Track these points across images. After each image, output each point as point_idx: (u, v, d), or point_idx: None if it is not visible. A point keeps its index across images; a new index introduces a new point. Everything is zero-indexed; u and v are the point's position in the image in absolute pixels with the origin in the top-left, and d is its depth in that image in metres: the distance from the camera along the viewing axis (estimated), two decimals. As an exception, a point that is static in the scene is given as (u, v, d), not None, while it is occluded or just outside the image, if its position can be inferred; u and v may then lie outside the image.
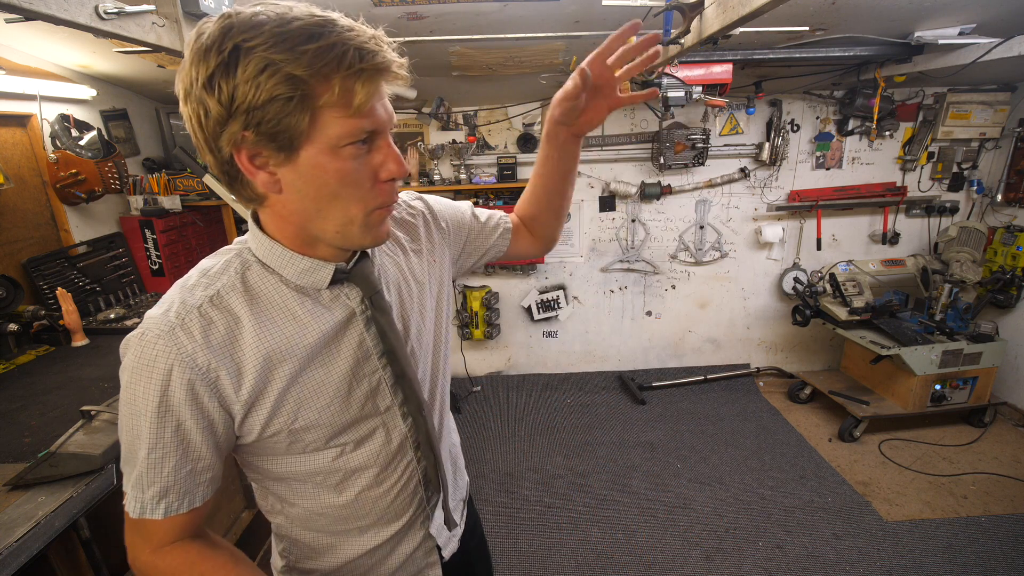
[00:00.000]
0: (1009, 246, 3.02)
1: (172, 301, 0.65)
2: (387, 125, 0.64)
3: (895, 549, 2.21)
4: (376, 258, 0.79)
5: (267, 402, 0.68)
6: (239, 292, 0.67)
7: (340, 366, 0.72)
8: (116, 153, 2.30)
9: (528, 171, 3.29)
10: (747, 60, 2.33)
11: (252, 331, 0.66)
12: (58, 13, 1.02)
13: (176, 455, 0.65)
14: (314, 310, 0.70)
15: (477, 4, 1.77)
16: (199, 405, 0.64)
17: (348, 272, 0.73)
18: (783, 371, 3.74)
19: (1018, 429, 3.09)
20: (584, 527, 2.39)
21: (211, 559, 0.71)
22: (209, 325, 0.64)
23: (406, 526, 0.87)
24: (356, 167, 0.62)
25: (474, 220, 0.98)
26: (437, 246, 0.91)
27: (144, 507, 0.67)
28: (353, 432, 0.76)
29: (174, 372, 0.62)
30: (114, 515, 1.40)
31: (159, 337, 0.62)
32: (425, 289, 0.86)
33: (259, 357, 0.66)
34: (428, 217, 0.91)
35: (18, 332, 1.85)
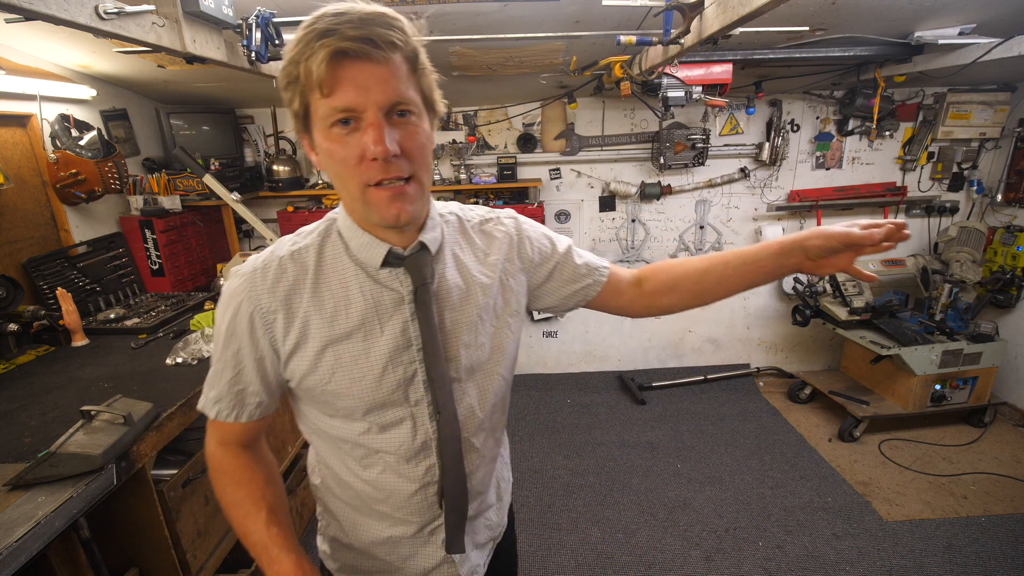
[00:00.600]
0: (1009, 246, 3.02)
1: (268, 250, 0.78)
2: (372, 104, 0.63)
3: (895, 549, 2.21)
4: (443, 254, 0.80)
5: (307, 355, 0.75)
6: (314, 252, 0.76)
7: (380, 345, 0.76)
8: (116, 153, 2.30)
9: (528, 171, 3.30)
10: (747, 60, 2.33)
11: (310, 288, 0.75)
12: (58, 13, 1.02)
13: (231, 372, 0.77)
14: (367, 285, 0.76)
15: (477, 4, 1.77)
16: (255, 337, 0.75)
17: (403, 258, 0.75)
18: (783, 371, 3.74)
19: (1018, 429, 3.09)
20: (584, 527, 2.39)
21: (252, 472, 0.84)
22: (282, 274, 0.75)
23: (423, 531, 0.87)
24: (343, 146, 0.65)
25: (565, 258, 0.91)
26: (515, 270, 0.87)
27: (205, 404, 0.81)
28: (381, 414, 0.79)
29: (243, 305, 0.75)
30: (114, 515, 1.41)
31: (244, 275, 0.76)
32: (487, 304, 0.83)
33: (306, 313, 0.74)
34: (514, 238, 0.88)
35: (18, 332, 1.85)
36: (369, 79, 0.62)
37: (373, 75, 0.62)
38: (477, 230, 0.87)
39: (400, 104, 0.65)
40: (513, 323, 0.88)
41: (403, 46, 0.64)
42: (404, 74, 0.65)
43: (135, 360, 1.80)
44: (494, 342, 0.85)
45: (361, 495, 0.85)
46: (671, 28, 1.60)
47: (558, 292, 0.92)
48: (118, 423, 1.27)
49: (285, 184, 3.08)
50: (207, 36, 1.47)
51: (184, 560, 1.46)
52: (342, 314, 0.75)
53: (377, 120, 0.63)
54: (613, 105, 3.22)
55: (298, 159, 3.18)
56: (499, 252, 0.86)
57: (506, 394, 0.92)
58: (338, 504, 0.90)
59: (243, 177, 3.00)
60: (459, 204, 0.90)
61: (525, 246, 0.89)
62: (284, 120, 3.19)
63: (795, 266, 0.84)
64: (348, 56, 0.61)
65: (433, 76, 0.71)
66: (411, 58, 0.66)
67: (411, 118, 0.67)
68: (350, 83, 0.62)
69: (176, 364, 1.73)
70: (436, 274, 0.79)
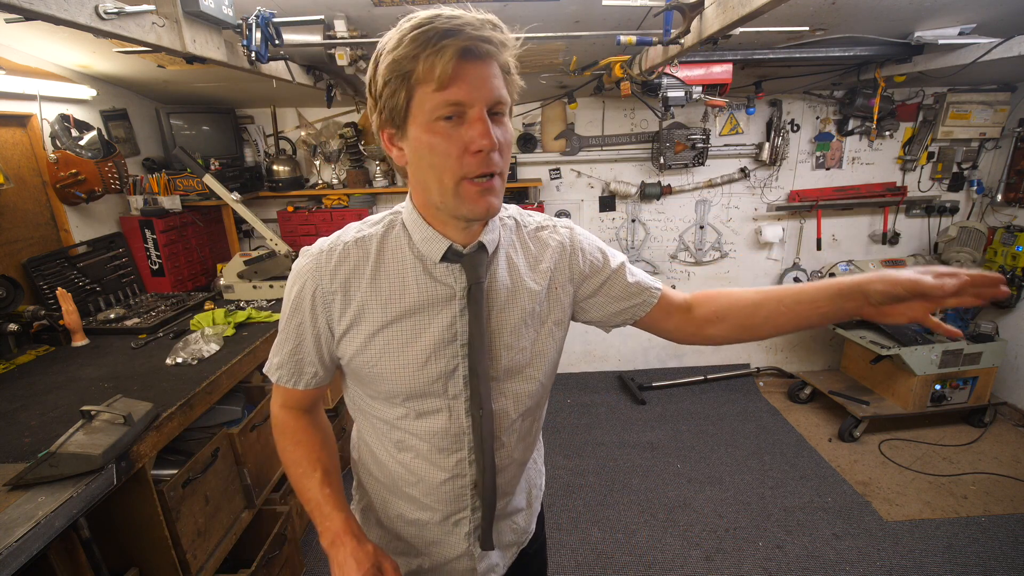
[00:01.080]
0: (1009, 246, 3.02)
1: (338, 233, 0.83)
2: (480, 100, 0.66)
3: (895, 549, 2.21)
4: (498, 255, 0.83)
5: (358, 337, 0.80)
6: (377, 240, 0.81)
7: (427, 336, 0.79)
8: (116, 153, 2.30)
9: (528, 171, 3.30)
10: (747, 60, 2.33)
11: (369, 275, 0.79)
12: (58, 13, 1.02)
13: (292, 343, 0.84)
14: (422, 278, 0.79)
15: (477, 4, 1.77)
16: (315, 314, 0.81)
17: (461, 255, 0.78)
18: (783, 371, 3.74)
19: (1018, 429, 3.09)
20: (584, 527, 2.39)
21: (310, 434, 0.92)
22: (345, 258, 0.79)
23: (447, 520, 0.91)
24: (445, 139, 0.68)
25: (616, 274, 0.90)
26: (564, 280, 0.88)
27: (269, 368, 0.89)
28: (420, 402, 0.83)
29: (307, 283, 0.80)
30: (114, 515, 1.41)
31: (312, 256, 0.81)
32: (532, 309, 0.85)
33: (362, 297, 0.79)
34: (567, 247, 0.88)
35: (18, 332, 1.85)
36: (480, 77, 0.66)
37: (483, 74, 0.66)
38: (533, 236, 0.88)
39: (500, 103, 0.69)
40: (556, 331, 0.89)
41: (511, 49, 0.69)
42: (501, 76, 0.69)
43: (135, 360, 1.80)
44: (535, 347, 0.86)
45: (394, 476, 0.90)
46: (671, 28, 1.60)
47: (605, 308, 0.92)
48: (118, 423, 1.27)
49: (285, 184, 3.08)
50: (207, 36, 1.47)
51: (184, 560, 1.46)
52: (396, 302, 0.79)
53: (484, 116, 0.67)
54: (613, 105, 3.22)
55: (298, 159, 3.18)
56: (550, 260, 0.87)
57: (542, 400, 0.93)
58: (372, 482, 0.96)
59: (243, 177, 3.00)
60: (518, 207, 0.93)
61: (577, 257, 0.89)
62: (284, 120, 3.19)
63: (855, 310, 0.78)
64: (471, 55, 0.65)
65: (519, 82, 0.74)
66: (507, 62, 0.70)
67: (504, 118, 0.71)
68: (464, 79, 0.65)
69: (176, 364, 1.73)
70: (490, 274, 0.82)
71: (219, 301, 2.46)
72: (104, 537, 1.40)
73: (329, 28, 1.86)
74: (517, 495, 0.98)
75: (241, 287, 2.46)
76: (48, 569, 1.19)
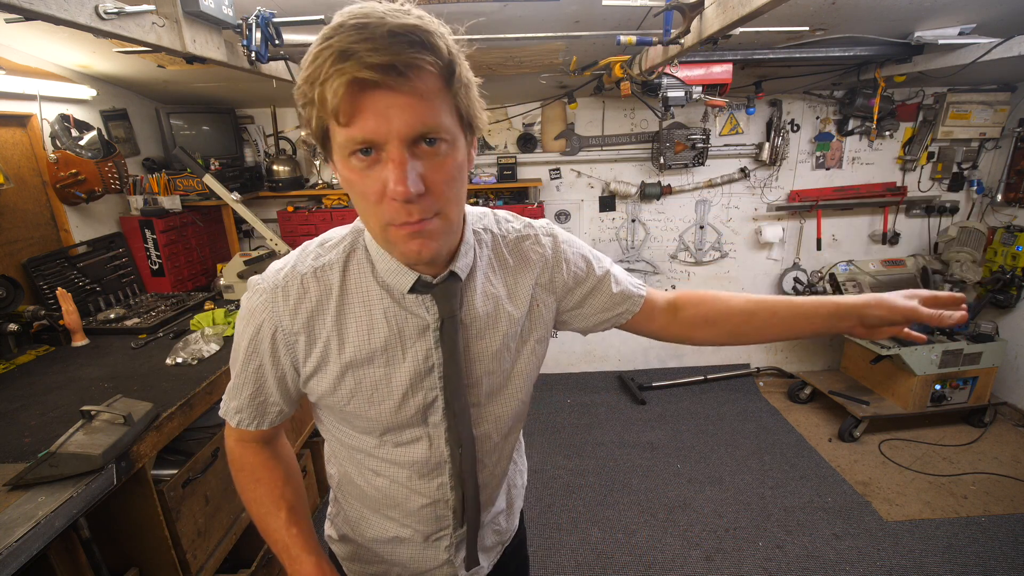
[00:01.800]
0: (1009, 246, 3.02)
1: (289, 262, 0.74)
2: (393, 135, 0.55)
3: (895, 549, 2.21)
4: (473, 279, 0.76)
5: (327, 377, 0.74)
6: (339, 270, 0.72)
7: (402, 372, 0.74)
8: (116, 153, 2.30)
9: (528, 171, 3.30)
10: (747, 60, 2.33)
11: (333, 312, 0.72)
12: (58, 13, 1.02)
13: (252, 387, 0.78)
14: (391, 310, 0.73)
15: (477, 4, 1.77)
16: (276, 356, 0.74)
17: (431, 287, 0.71)
18: (783, 371, 3.74)
19: (1018, 429, 3.09)
20: (584, 527, 2.39)
21: (271, 470, 0.84)
22: (304, 295, 0.72)
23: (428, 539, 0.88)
24: (362, 179, 0.58)
25: (600, 284, 0.86)
26: (545, 294, 0.84)
27: (227, 412, 0.82)
28: (398, 434, 0.79)
29: (264, 325, 0.73)
30: (114, 515, 1.41)
31: (264, 292, 0.72)
32: (513, 332, 0.81)
33: (328, 336, 0.72)
34: (550, 260, 0.83)
35: (18, 332, 1.85)
36: (390, 107, 0.54)
37: (395, 103, 0.54)
38: (513, 248, 0.81)
39: (427, 133, 0.57)
40: (538, 348, 0.85)
41: (434, 65, 0.55)
42: (435, 95, 0.56)
43: (135, 360, 1.80)
44: (516, 368, 0.83)
45: (371, 498, 0.86)
46: (671, 28, 1.60)
47: (589, 319, 0.89)
48: (118, 423, 1.27)
49: (285, 184, 3.08)
50: (207, 36, 1.47)
51: (184, 560, 1.46)
52: (364, 339, 0.72)
53: (399, 156, 0.56)
54: (613, 105, 3.22)
55: (298, 159, 3.18)
56: (532, 276, 0.82)
57: (523, 413, 0.90)
58: (348, 499, 0.92)
59: (243, 177, 3.00)
60: (494, 215, 0.84)
61: (560, 269, 0.84)
62: (284, 120, 3.19)
63: (847, 329, 0.81)
64: (368, 84, 0.52)
65: (474, 89, 0.62)
66: (446, 75, 0.57)
67: (441, 147, 0.59)
68: (369, 112, 0.54)
69: (176, 364, 1.73)
70: (466, 302, 0.75)
71: (219, 301, 2.46)
72: (104, 537, 1.40)
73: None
74: (498, 499, 0.97)
75: (241, 287, 2.46)
76: (48, 569, 1.19)
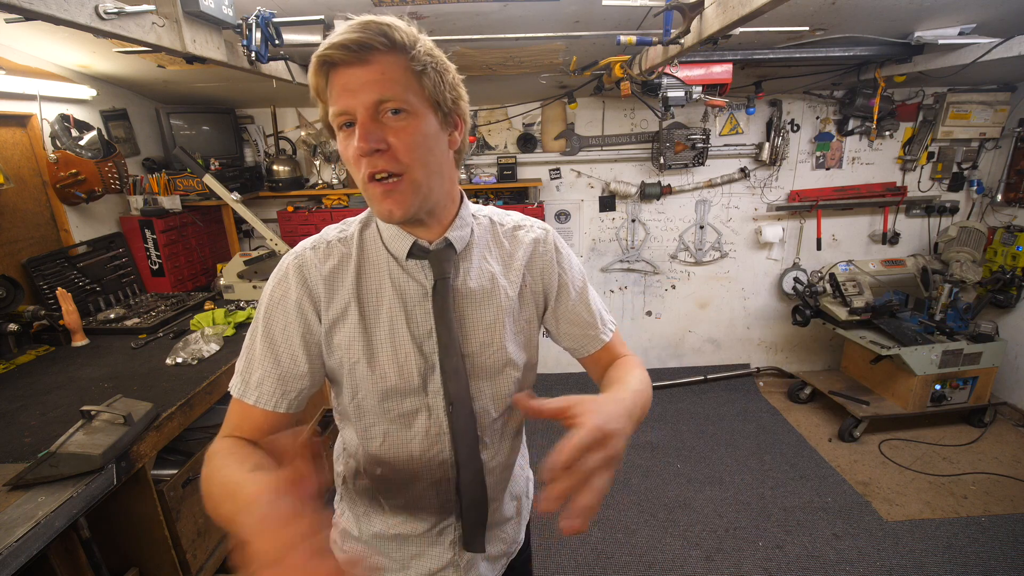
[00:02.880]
0: (1009, 246, 3.02)
1: (319, 234, 0.84)
2: (358, 105, 0.66)
3: (895, 549, 2.21)
4: (470, 253, 0.83)
5: (341, 333, 0.79)
6: (356, 238, 0.82)
7: (404, 333, 0.79)
8: (116, 153, 2.30)
9: (528, 171, 3.30)
10: (747, 60, 2.33)
11: (353, 272, 0.80)
12: (58, 13, 1.03)
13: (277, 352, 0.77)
14: (396, 274, 0.80)
15: (477, 4, 1.77)
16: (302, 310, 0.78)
17: (427, 251, 0.79)
18: (783, 371, 3.74)
19: (1018, 429, 3.09)
20: (584, 527, 2.39)
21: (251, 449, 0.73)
22: (329, 254, 0.80)
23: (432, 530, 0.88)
24: (345, 147, 0.70)
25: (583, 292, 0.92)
26: (534, 277, 0.89)
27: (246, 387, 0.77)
28: (401, 401, 0.81)
29: (292, 277, 0.79)
30: (114, 515, 1.40)
31: (295, 253, 0.81)
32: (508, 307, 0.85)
33: (347, 293, 0.79)
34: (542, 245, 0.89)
35: (18, 332, 1.85)
36: (354, 82, 0.66)
37: (358, 78, 0.66)
38: (508, 235, 0.89)
39: (387, 102, 0.67)
40: (532, 330, 0.90)
41: (390, 48, 0.66)
42: (398, 75, 0.67)
43: (135, 360, 1.80)
44: (512, 345, 0.85)
45: (378, 484, 0.87)
46: (671, 28, 1.60)
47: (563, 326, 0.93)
48: (118, 423, 1.27)
49: (285, 184, 3.08)
50: (207, 36, 1.47)
51: (184, 560, 1.46)
52: (374, 300, 0.80)
53: (362, 118, 0.67)
54: (613, 105, 3.22)
55: (298, 159, 3.18)
56: (524, 257, 0.87)
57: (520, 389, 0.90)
58: (354, 495, 0.92)
59: (243, 177, 3.00)
60: (495, 209, 0.93)
61: (551, 256, 0.90)
62: (284, 120, 3.19)
63: None
64: (336, 64, 0.66)
65: (448, 77, 0.72)
66: (409, 59, 0.67)
67: (403, 115, 0.68)
68: (341, 88, 0.67)
69: (176, 364, 1.73)
70: (461, 271, 0.82)
71: (219, 301, 2.46)
72: (104, 537, 1.39)
73: (329, 28, 1.85)
74: (506, 503, 0.96)
75: (241, 287, 2.46)
76: (48, 569, 1.19)
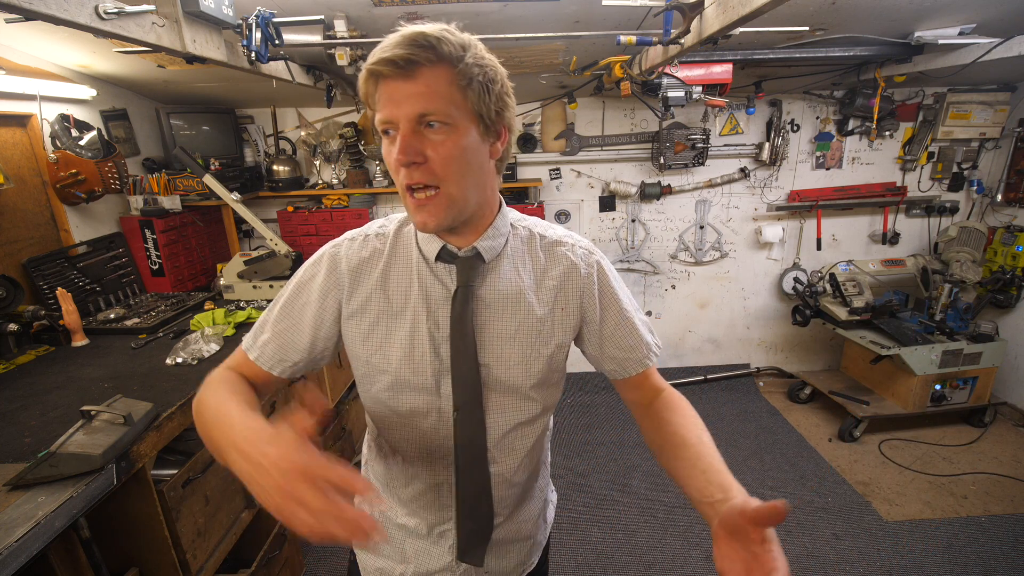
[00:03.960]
0: (1009, 246, 3.02)
1: (363, 227, 0.89)
2: (400, 117, 0.68)
3: (895, 549, 2.21)
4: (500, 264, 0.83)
5: (362, 323, 0.83)
6: (393, 234, 0.85)
7: (423, 331, 0.81)
8: (116, 153, 2.30)
9: (528, 171, 3.31)
10: (747, 60, 2.33)
11: (382, 265, 0.83)
12: (58, 13, 1.02)
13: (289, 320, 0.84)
14: (424, 273, 0.82)
15: (477, 4, 1.77)
16: (325, 293, 0.83)
17: (455, 257, 0.81)
18: (783, 371, 3.74)
19: (1018, 429, 3.09)
20: (584, 527, 2.39)
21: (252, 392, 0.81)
22: (364, 246, 0.85)
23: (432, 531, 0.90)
24: (388, 153, 0.72)
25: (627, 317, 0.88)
26: (569, 301, 0.85)
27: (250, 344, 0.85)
28: (415, 398, 0.83)
29: (325, 262, 0.84)
30: (114, 515, 1.40)
31: (338, 242, 0.86)
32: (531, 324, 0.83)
33: (372, 285, 0.82)
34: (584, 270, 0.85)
35: (18, 332, 1.85)
36: (399, 94, 0.67)
37: (403, 91, 0.67)
38: (547, 248, 0.86)
39: (428, 116, 0.68)
40: (557, 353, 0.86)
41: (437, 62, 0.67)
42: (442, 88, 0.67)
43: (135, 360, 1.80)
44: (530, 362, 0.83)
45: (390, 475, 0.92)
46: (671, 28, 1.60)
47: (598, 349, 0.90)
48: (118, 423, 1.27)
49: (285, 184, 3.08)
50: (207, 36, 1.47)
51: (184, 560, 1.46)
52: (400, 294, 0.82)
53: (403, 131, 0.69)
54: (613, 105, 3.22)
55: (298, 159, 3.18)
56: (560, 278, 0.84)
57: (538, 420, 0.89)
58: (371, 478, 0.97)
59: (243, 177, 3.00)
60: (540, 222, 0.90)
61: (595, 294, 0.86)
62: (284, 120, 3.19)
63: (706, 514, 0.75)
64: (383, 76, 0.68)
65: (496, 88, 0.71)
66: (456, 72, 0.68)
67: (443, 129, 0.69)
68: (386, 99, 0.69)
69: (176, 364, 1.73)
70: (488, 281, 0.82)
71: (219, 301, 2.46)
72: (104, 537, 1.39)
73: (329, 28, 1.86)
74: (517, 522, 0.95)
75: (241, 287, 2.46)
76: (48, 569, 1.19)
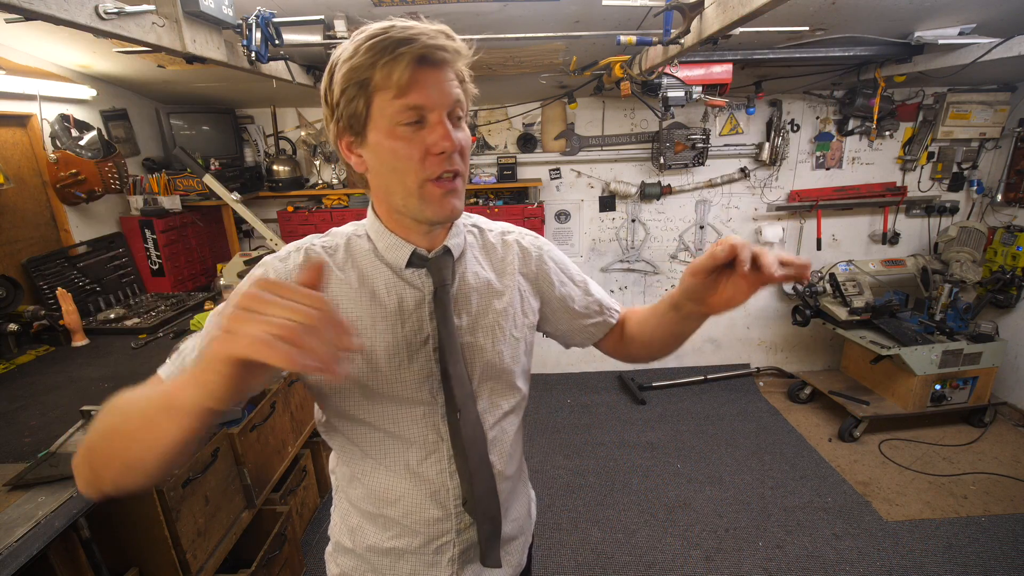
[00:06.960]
0: (1009, 246, 3.02)
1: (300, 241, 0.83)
2: (439, 103, 0.69)
3: (895, 549, 2.21)
4: (464, 260, 0.84)
5: None
6: (343, 248, 0.81)
7: (399, 341, 0.78)
8: (116, 153, 2.30)
9: (528, 171, 3.30)
10: (747, 60, 2.33)
11: (335, 279, 0.78)
12: (58, 13, 1.03)
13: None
14: (391, 281, 0.80)
15: (477, 4, 1.77)
16: None
17: (426, 259, 0.79)
18: (783, 371, 3.74)
19: (1018, 429, 3.09)
20: (584, 527, 2.39)
21: None
22: (309, 258, 0.79)
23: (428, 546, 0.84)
24: (407, 144, 0.70)
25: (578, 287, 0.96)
26: (527, 283, 0.91)
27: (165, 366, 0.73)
28: (397, 410, 0.80)
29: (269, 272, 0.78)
30: (114, 515, 1.40)
31: (275, 256, 0.80)
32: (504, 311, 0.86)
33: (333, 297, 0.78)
34: (533, 253, 0.92)
35: (18, 332, 1.85)
36: (437, 82, 0.69)
37: (440, 79, 0.69)
38: (498, 240, 0.91)
39: (456, 109, 0.71)
40: (528, 335, 0.91)
41: (457, 59, 0.71)
42: (459, 82, 0.72)
43: (135, 360, 1.80)
44: (509, 350, 0.86)
45: (372, 495, 0.84)
46: (671, 28, 1.60)
47: (567, 322, 0.97)
48: (118, 423, 1.27)
49: (285, 184, 3.08)
50: (207, 36, 1.47)
51: (184, 560, 1.46)
52: (366, 307, 0.78)
53: (443, 119, 0.70)
54: (613, 105, 3.22)
55: (298, 159, 3.18)
56: (515, 263, 0.89)
57: (520, 407, 0.92)
58: (347, 505, 0.90)
59: (243, 177, 3.00)
60: (480, 216, 0.95)
61: (544, 264, 0.93)
62: (284, 120, 3.19)
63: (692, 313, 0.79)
64: (426, 62, 0.67)
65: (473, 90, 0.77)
66: (461, 71, 0.73)
67: (462, 122, 0.73)
68: (422, 85, 0.68)
69: (176, 364, 1.73)
70: (457, 277, 0.82)
71: (219, 301, 2.46)
72: (104, 537, 1.39)
73: (329, 28, 1.86)
74: (509, 522, 0.94)
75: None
76: (48, 569, 1.19)
